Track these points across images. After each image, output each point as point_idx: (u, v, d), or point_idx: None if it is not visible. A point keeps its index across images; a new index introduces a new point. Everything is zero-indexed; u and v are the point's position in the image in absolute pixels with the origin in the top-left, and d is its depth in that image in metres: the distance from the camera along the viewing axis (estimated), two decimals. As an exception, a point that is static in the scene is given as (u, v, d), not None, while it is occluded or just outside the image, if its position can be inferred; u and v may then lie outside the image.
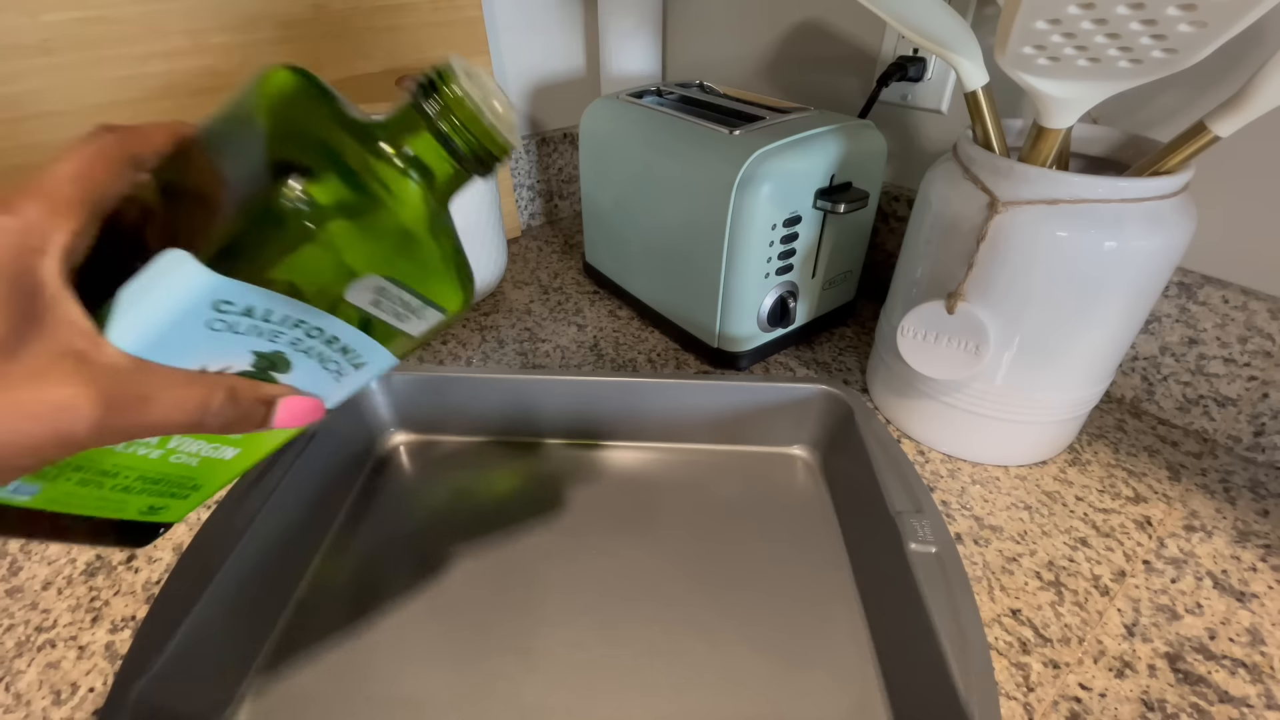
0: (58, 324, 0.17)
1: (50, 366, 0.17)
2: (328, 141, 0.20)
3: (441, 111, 0.21)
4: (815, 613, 0.37)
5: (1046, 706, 0.31)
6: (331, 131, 0.20)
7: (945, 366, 0.41)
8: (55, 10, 0.46)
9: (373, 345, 0.24)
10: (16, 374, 0.16)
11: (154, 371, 0.19)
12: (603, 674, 0.34)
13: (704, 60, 0.73)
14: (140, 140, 0.20)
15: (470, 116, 0.21)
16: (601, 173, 0.59)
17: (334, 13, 0.57)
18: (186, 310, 0.19)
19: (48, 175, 0.18)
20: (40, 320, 0.17)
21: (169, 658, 0.29)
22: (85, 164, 0.18)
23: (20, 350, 0.16)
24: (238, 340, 0.20)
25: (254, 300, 0.19)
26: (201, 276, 0.18)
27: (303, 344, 0.22)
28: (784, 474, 0.46)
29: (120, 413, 0.18)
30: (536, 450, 0.48)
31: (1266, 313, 0.41)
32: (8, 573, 0.38)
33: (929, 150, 0.57)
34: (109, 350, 0.18)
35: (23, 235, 0.17)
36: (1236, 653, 0.33)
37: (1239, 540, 0.39)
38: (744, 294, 0.49)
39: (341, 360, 0.23)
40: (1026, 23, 0.30)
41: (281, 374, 0.22)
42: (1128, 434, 0.47)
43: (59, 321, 0.17)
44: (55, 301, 0.17)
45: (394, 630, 0.36)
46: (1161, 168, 0.35)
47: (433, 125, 0.21)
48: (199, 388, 0.20)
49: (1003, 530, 0.40)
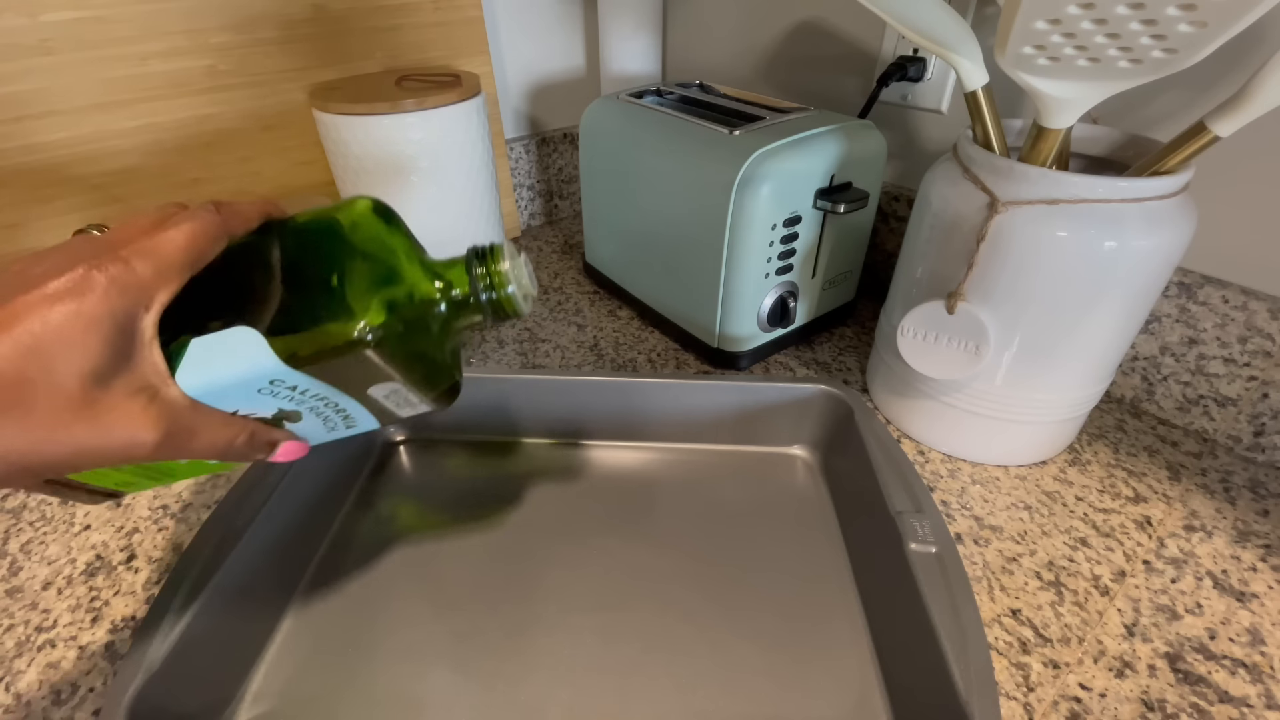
0: (143, 364, 0.21)
1: (130, 400, 0.21)
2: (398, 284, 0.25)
3: (483, 274, 0.27)
4: (815, 613, 0.37)
5: (1046, 706, 0.31)
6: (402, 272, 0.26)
7: (945, 366, 0.41)
8: (55, 10, 0.46)
9: (369, 418, 0.29)
10: (105, 401, 0.20)
11: (202, 412, 0.23)
12: (603, 674, 0.34)
13: (704, 60, 0.73)
14: (241, 221, 0.24)
15: (502, 282, 0.27)
16: (601, 173, 0.59)
17: (334, 13, 0.57)
18: (246, 379, 0.23)
19: (162, 241, 0.22)
20: (131, 360, 0.21)
21: (169, 658, 0.29)
22: (195, 238, 0.22)
23: (112, 381, 0.20)
24: (273, 401, 0.25)
25: (301, 382, 0.24)
26: (269, 360, 0.23)
27: (318, 409, 0.27)
28: (784, 474, 0.46)
29: (171, 442, 0.22)
30: (536, 450, 0.48)
31: (1266, 313, 0.41)
32: (8, 573, 0.38)
33: (929, 150, 0.57)
34: (175, 391, 0.22)
35: (135, 292, 0.21)
36: (1236, 653, 0.33)
37: (1239, 540, 0.39)
38: (744, 294, 0.49)
39: (340, 422, 0.28)
40: (1026, 23, 0.30)
41: (291, 423, 0.27)
42: (1128, 434, 0.47)
43: (144, 362, 0.21)
44: (147, 347, 0.21)
45: (394, 630, 0.36)
46: (1161, 168, 0.35)
47: (474, 283, 0.27)
48: (231, 429, 0.24)
49: (1003, 530, 0.40)
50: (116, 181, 0.53)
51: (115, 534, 0.40)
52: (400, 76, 0.57)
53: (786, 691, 0.33)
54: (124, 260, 0.20)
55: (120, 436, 0.21)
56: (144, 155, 0.53)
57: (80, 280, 0.19)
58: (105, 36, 0.49)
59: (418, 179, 0.55)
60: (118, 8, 0.48)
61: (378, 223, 0.26)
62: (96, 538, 0.40)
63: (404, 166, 0.54)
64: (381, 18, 0.60)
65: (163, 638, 0.30)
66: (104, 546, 0.39)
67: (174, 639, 0.30)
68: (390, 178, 0.54)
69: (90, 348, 0.20)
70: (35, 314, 0.19)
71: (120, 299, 0.20)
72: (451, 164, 0.55)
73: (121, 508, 0.42)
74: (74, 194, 0.51)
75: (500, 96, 0.75)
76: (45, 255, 0.20)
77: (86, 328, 0.19)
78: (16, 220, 0.50)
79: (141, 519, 0.41)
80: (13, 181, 0.49)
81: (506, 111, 0.76)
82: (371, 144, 0.52)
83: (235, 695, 0.33)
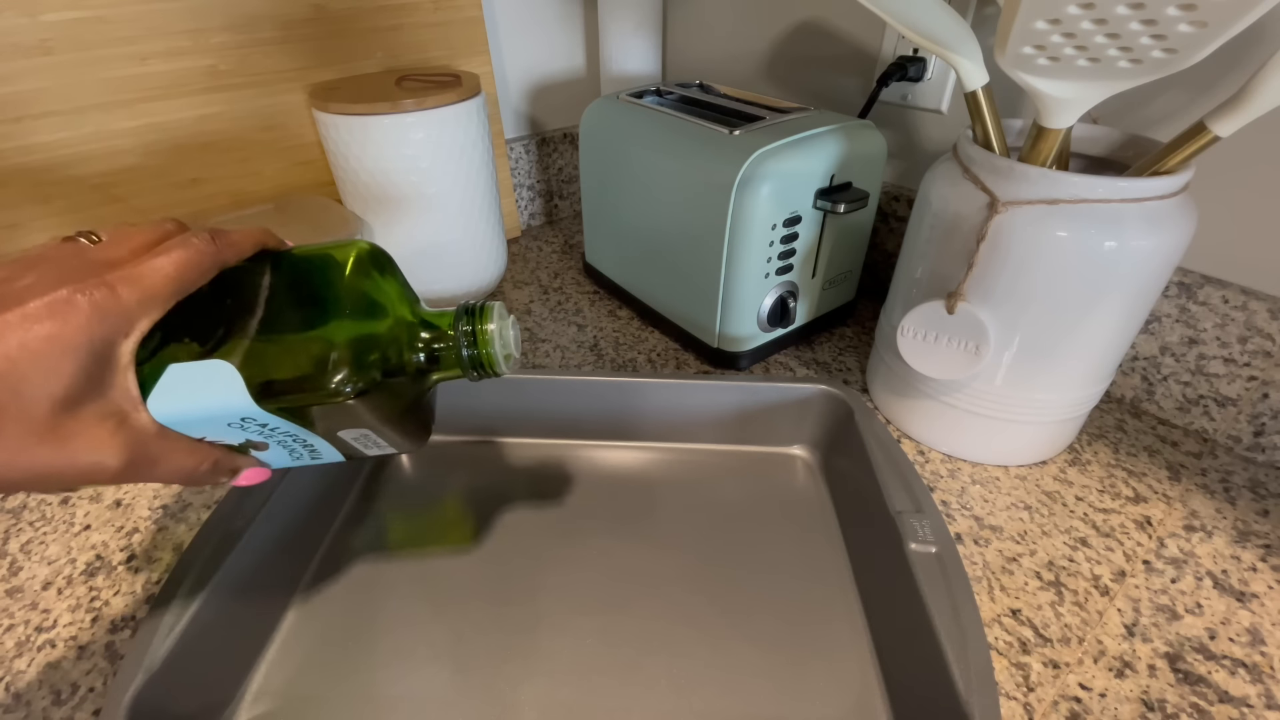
0: (115, 390, 0.21)
1: (98, 425, 0.20)
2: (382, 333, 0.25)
3: (469, 332, 0.27)
4: (815, 613, 0.37)
5: (1046, 706, 0.31)
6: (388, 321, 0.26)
7: (945, 366, 0.41)
8: (55, 10, 0.46)
9: (335, 454, 0.29)
10: (71, 425, 0.20)
11: (169, 439, 0.23)
12: (603, 674, 0.34)
13: (704, 60, 0.73)
14: (234, 251, 0.24)
15: (486, 342, 0.27)
16: (601, 173, 0.59)
17: (334, 13, 0.57)
18: (220, 414, 0.23)
19: (150, 269, 0.21)
20: (104, 386, 0.20)
21: (169, 658, 0.29)
22: (184, 267, 0.22)
23: (81, 407, 0.20)
24: (241, 434, 0.25)
25: (272, 421, 0.24)
26: (242, 399, 0.22)
27: (285, 443, 0.26)
28: (784, 474, 0.46)
29: (134, 468, 0.21)
30: (536, 450, 0.48)
31: (1266, 313, 0.41)
32: (8, 573, 0.38)
33: (929, 150, 0.57)
34: (144, 418, 0.22)
35: (117, 319, 0.20)
36: (1236, 653, 0.33)
37: (1239, 540, 0.39)
38: (744, 294, 0.49)
39: (305, 454, 0.28)
40: (1026, 23, 0.30)
41: (257, 452, 0.27)
42: (1128, 434, 0.47)
43: (117, 388, 0.21)
44: (122, 374, 0.21)
45: (394, 630, 0.36)
46: (1161, 168, 0.35)
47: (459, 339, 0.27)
48: (195, 457, 0.24)
49: (1003, 530, 0.40)
50: (116, 181, 0.53)
51: (115, 534, 0.40)
52: (400, 76, 0.57)
53: (786, 692, 0.33)
54: (109, 286, 0.20)
55: (84, 461, 0.20)
56: (144, 155, 0.53)
57: (63, 303, 0.19)
58: (105, 36, 0.49)
59: (418, 179, 0.55)
60: (118, 8, 0.48)
61: (371, 268, 0.26)
62: (96, 538, 0.40)
63: (404, 166, 0.54)
64: (381, 18, 0.60)
65: (163, 638, 0.30)
66: (104, 546, 0.39)
67: (174, 639, 0.30)
68: (390, 178, 0.54)
69: (64, 373, 0.19)
70: (12, 334, 0.18)
71: (100, 326, 0.20)
72: (451, 164, 0.55)
73: (121, 508, 0.42)
74: (73, 194, 0.51)
75: (500, 96, 0.75)
76: (30, 265, 0.20)
77: (63, 353, 0.19)
78: (16, 220, 0.50)
79: (141, 519, 0.41)
80: (12, 181, 0.49)
81: (506, 111, 0.76)
82: (371, 144, 0.52)
83: (235, 695, 0.33)
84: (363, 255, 0.26)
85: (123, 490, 0.43)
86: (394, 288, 0.27)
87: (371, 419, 0.26)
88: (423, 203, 0.56)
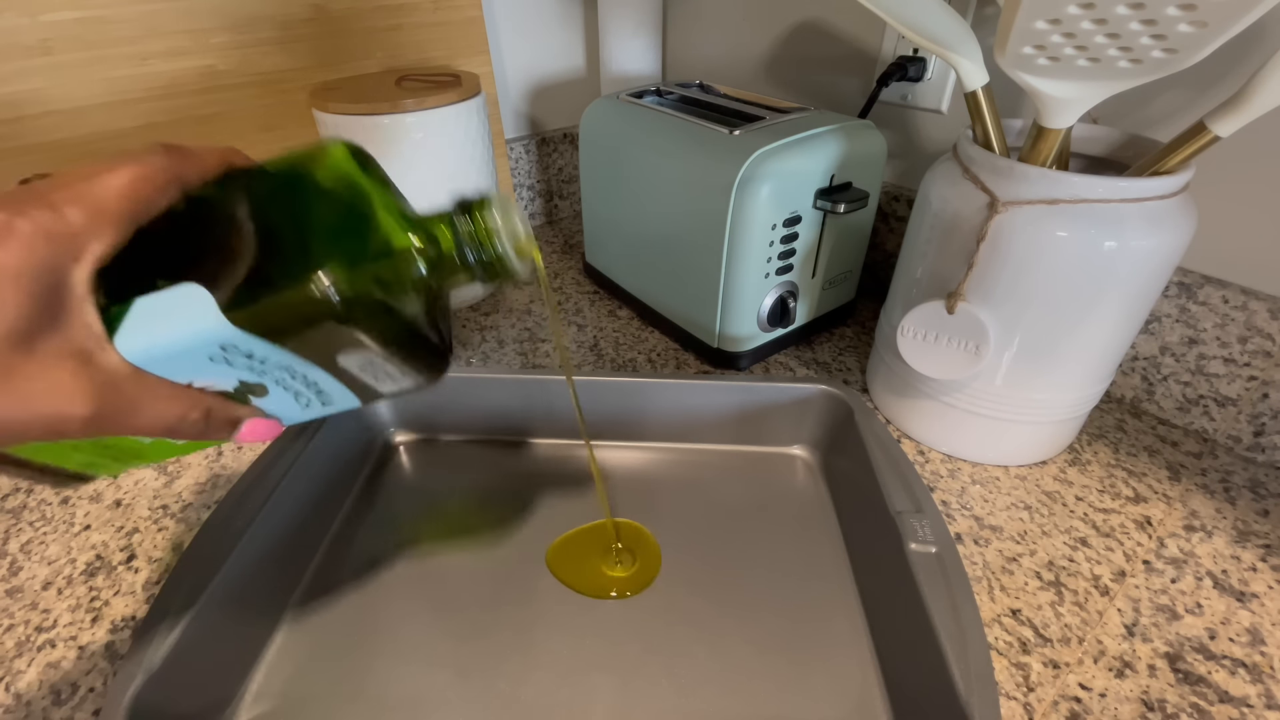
0: (74, 325, 0.18)
1: (58, 364, 0.18)
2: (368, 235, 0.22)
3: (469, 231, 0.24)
4: (815, 613, 0.37)
5: (1046, 706, 0.31)
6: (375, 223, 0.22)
7: (945, 366, 0.41)
8: (55, 10, 0.46)
9: (346, 393, 0.25)
10: (27, 367, 0.17)
11: (145, 382, 0.20)
12: (603, 674, 0.34)
13: (704, 60, 0.73)
14: (194, 166, 0.21)
15: (491, 241, 0.24)
16: (601, 173, 0.59)
17: (334, 13, 0.57)
18: (194, 344, 0.20)
19: (98, 184, 0.18)
20: (59, 320, 0.18)
21: (169, 658, 0.29)
22: (137, 182, 0.19)
23: (36, 344, 0.17)
24: (230, 371, 0.22)
25: (257, 348, 0.21)
26: (216, 322, 0.20)
27: (284, 381, 0.23)
28: (784, 474, 0.46)
29: (108, 416, 0.19)
30: (536, 450, 0.48)
31: (1266, 313, 0.41)
32: (8, 573, 0.38)
33: (929, 150, 0.57)
34: (113, 356, 0.19)
35: (64, 241, 0.18)
36: (1236, 653, 0.33)
37: (1239, 540, 0.39)
38: (744, 294, 0.49)
39: (314, 397, 0.25)
40: (1026, 23, 0.30)
41: (257, 398, 0.24)
42: (1128, 434, 0.47)
43: (75, 323, 0.18)
44: (78, 305, 0.18)
45: (394, 630, 0.36)
46: (1161, 168, 0.35)
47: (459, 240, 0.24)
48: (180, 403, 0.21)
49: (1003, 530, 0.40)
50: (116, 181, 0.53)
51: (115, 534, 0.40)
52: (400, 76, 0.57)
53: (786, 692, 0.33)
54: (52, 206, 0.18)
55: (44, 408, 0.18)
56: (144, 155, 0.53)
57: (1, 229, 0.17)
58: (105, 36, 0.49)
59: (417, 179, 0.54)
60: (118, 8, 0.48)
61: (352, 167, 0.23)
62: (96, 538, 0.40)
63: (404, 167, 0.54)
64: (381, 18, 0.60)
65: (163, 638, 0.30)
66: (104, 546, 0.39)
67: (174, 639, 0.30)
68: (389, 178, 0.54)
69: (9, 304, 0.17)
70: None
71: (46, 249, 0.17)
72: (451, 164, 0.55)
73: (121, 508, 0.42)
74: (74, 194, 0.51)
75: (500, 96, 0.75)
76: None
77: (5, 281, 0.17)
78: (16, 220, 0.50)
79: (141, 519, 0.41)
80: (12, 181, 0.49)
81: (506, 111, 0.76)
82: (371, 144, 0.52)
83: (235, 695, 0.33)
84: (342, 153, 0.23)
85: (123, 490, 0.43)
86: (377, 186, 0.24)
87: (369, 338, 0.23)
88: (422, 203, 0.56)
